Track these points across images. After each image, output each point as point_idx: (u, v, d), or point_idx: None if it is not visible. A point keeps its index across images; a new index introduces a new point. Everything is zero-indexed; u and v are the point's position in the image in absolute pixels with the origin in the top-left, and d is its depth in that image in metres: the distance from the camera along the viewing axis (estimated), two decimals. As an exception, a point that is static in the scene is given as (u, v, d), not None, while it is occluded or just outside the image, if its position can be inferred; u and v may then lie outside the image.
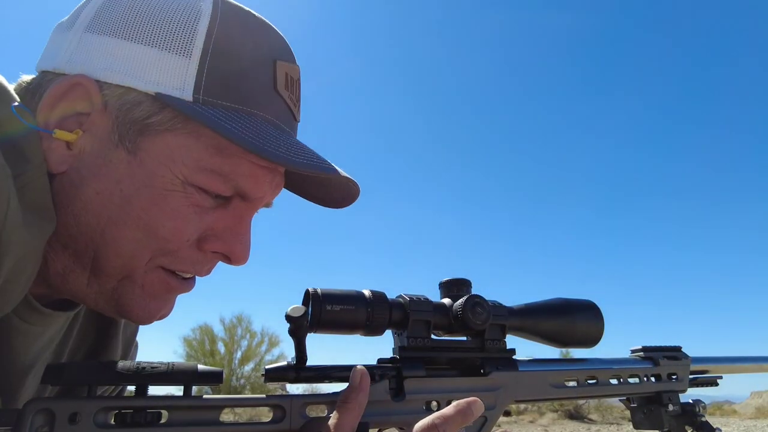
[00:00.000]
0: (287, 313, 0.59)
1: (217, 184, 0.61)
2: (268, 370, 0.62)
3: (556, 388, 0.78)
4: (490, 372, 0.73)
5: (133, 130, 0.58)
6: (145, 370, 0.55)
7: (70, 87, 0.58)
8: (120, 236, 0.59)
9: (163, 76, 0.58)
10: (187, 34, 0.59)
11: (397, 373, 0.67)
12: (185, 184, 0.59)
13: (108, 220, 0.59)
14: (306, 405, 0.60)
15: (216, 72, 0.59)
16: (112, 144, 0.59)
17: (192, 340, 17.75)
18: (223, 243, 0.64)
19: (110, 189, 0.58)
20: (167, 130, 0.58)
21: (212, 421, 0.56)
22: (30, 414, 0.49)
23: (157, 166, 0.58)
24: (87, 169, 0.59)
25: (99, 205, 0.59)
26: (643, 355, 0.93)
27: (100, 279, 0.61)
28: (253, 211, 0.67)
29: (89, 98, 0.58)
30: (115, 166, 0.59)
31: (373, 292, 0.67)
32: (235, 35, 0.62)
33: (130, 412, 0.53)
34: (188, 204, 0.60)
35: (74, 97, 0.58)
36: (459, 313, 0.70)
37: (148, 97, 0.58)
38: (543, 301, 0.80)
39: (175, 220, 0.60)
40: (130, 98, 0.58)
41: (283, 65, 0.65)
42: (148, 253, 0.61)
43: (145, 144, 0.58)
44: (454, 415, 0.59)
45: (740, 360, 1.06)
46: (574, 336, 0.79)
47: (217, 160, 0.59)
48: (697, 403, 0.91)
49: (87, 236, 0.60)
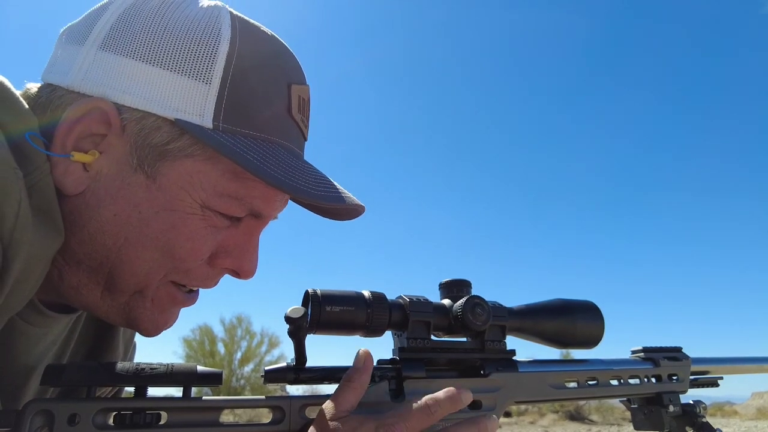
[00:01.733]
0: (287, 315, 0.59)
1: (233, 207, 0.62)
2: (267, 371, 0.62)
3: (557, 389, 0.78)
4: (491, 373, 0.73)
5: (152, 154, 0.59)
6: (144, 372, 0.55)
7: (89, 110, 0.58)
8: (136, 257, 0.60)
9: (183, 103, 0.58)
10: (208, 59, 0.59)
11: (397, 374, 0.67)
12: (204, 208, 0.61)
13: (125, 241, 0.60)
14: (305, 406, 0.60)
15: (234, 99, 0.60)
16: (130, 168, 0.59)
17: (192, 340, 17.75)
18: (234, 259, 0.66)
19: (128, 212, 0.59)
20: (186, 156, 0.60)
21: (212, 422, 0.56)
22: (29, 415, 0.49)
23: (176, 191, 0.60)
24: (104, 190, 0.60)
25: (116, 226, 0.60)
26: (644, 356, 0.93)
27: (113, 294, 0.63)
28: (263, 227, 0.69)
29: (107, 122, 0.59)
30: (134, 190, 0.59)
31: (372, 293, 0.66)
32: (254, 60, 0.62)
33: (130, 414, 0.53)
34: (206, 226, 0.62)
35: (92, 120, 0.58)
36: (459, 314, 0.70)
37: (167, 123, 0.59)
38: (543, 301, 0.80)
39: (193, 242, 0.61)
40: (149, 123, 0.59)
41: (297, 88, 0.67)
42: (162, 271, 0.62)
43: (164, 169, 0.59)
44: (444, 400, 0.60)
45: (741, 361, 1.06)
46: (575, 337, 0.79)
47: (233, 186, 0.61)
48: (698, 404, 0.91)
49: (102, 255, 0.60)
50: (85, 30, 0.62)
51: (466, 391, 0.62)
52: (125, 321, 0.66)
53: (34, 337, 0.66)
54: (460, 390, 0.61)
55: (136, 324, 0.66)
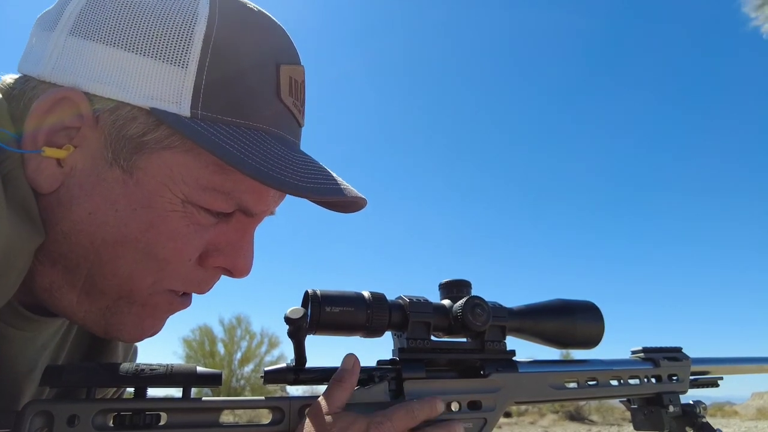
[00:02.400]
0: (286, 315, 0.59)
1: (218, 202, 0.57)
2: (267, 372, 0.62)
3: (557, 389, 0.78)
4: (490, 373, 0.73)
5: (127, 147, 0.54)
6: (143, 372, 0.55)
7: (57, 101, 0.54)
8: (116, 257, 0.56)
9: (158, 89, 0.53)
10: (183, 41, 0.54)
11: (396, 375, 0.67)
12: (185, 203, 0.56)
13: (102, 242, 0.55)
14: (305, 407, 0.60)
15: (215, 83, 0.55)
16: (105, 162, 0.55)
17: (192, 341, 17.75)
18: (226, 258, 0.61)
19: (104, 210, 0.55)
20: (164, 148, 0.54)
21: (211, 423, 0.56)
22: (29, 416, 0.49)
23: (155, 186, 0.55)
24: (78, 187, 0.55)
25: (92, 225, 0.55)
26: (644, 356, 0.93)
27: (92, 297, 0.58)
28: (256, 224, 0.65)
29: (78, 112, 0.54)
30: (110, 186, 0.55)
31: (372, 293, 0.66)
32: (235, 39, 0.56)
33: (129, 415, 0.53)
34: (188, 224, 0.57)
35: (61, 111, 0.54)
36: (459, 314, 0.70)
37: (143, 113, 0.54)
38: (543, 302, 0.80)
39: (175, 241, 0.56)
40: (123, 113, 0.54)
41: (287, 69, 0.61)
42: (149, 275, 0.57)
43: (141, 163, 0.54)
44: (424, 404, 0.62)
45: (741, 361, 1.06)
46: (575, 337, 0.79)
47: (218, 178, 0.56)
48: (698, 404, 0.91)
49: (79, 255, 0.56)
50: (56, 15, 0.57)
51: (441, 401, 0.65)
52: (103, 327, 0.60)
53: (20, 341, 0.62)
54: (437, 398, 0.64)
55: (117, 329, 0.60)
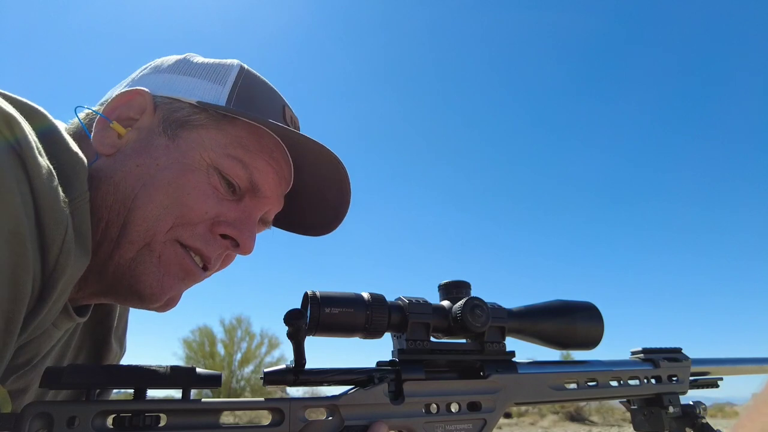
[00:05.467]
0: (286, 316, 0.59)
1: (237, 170, 0.74)
2: (267, 373, 0.62)
3: (557, 390, 0.78)
4: (490, 374, 0.73)
5: (175, 124, 0.74)
6: (143, 374, 0.55)
7: (133, 94, 0.75)
8: (149, 199, 0.70)
9: (203, 94, 0.76)
10: (223, 73, 0.79)
11: (396, 376, 0.67)
12: (209, 168, 0.73)
13: (143, 185, 0.70)
14: (305, 408, 0.60)
15: (242, 96, 0.78)
16: (156, 134, 0.74)
17: (192, 341, 17.74)
18: (233, 229, 0.75)
19: (149, 162, 0.72)
20: (202, 126, 0.74)
21: (211, 425, 0.56)
22: (29, 417, 0.49)
23: (189, 149, 0.73)
24: (132, 150, 0.73)
25: (138, 173, 0.71)
26: (644, 357, 0.93)
27: (122, 249, 0.69)
28: (260, 210, 0.79)
29: (144, 104, 0.75)
30: (156, 148, 0.73)
31: (372, 294, 0.66)
32: (257, 82, 0.82)
33: (129, 416, 0.53)
34: (208, 183, 0.73)
35: (133, 102, 0.75)
36: (458, 315, 0.70)
37: (190, 105, 0.75)
38: (542, 303, 0.80)
39: (197, 191, 0.72)
40: (175, 105, 0.75)
41: (289, 110, 0.84)
42: (170, 219, 0.71)
43: (183, 134, 0.74)
44: None
45: (741, 361, 1.06)
46: (574, 338, 0.79)
47: (240, 151, 0.75)
48: (698, 405, 0.91)
49: (120, 202, 0.70)
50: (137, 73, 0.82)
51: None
52: (129, 282, 0.70)
53: (55, 339, 0.68)
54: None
55: (141, 284, 0.70)
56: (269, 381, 0.61)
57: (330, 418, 0.61)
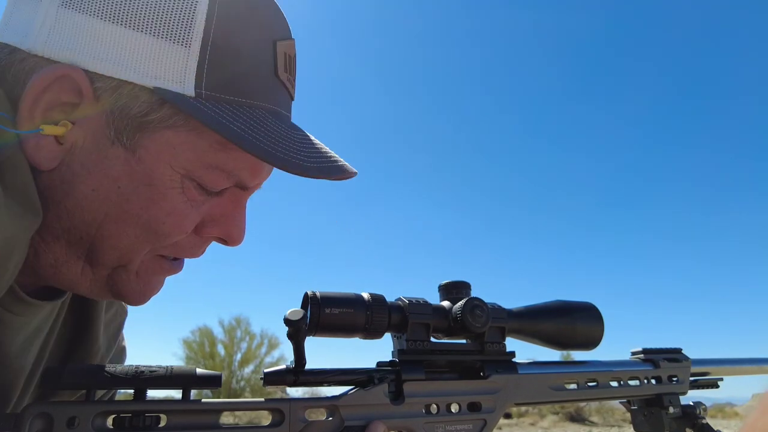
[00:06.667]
0: (286, 317, 0.59)
1: (219, 179, 0.60)
2: (266, 373, 0.62)
3: (557, 390, 0.78)
4: (490, 375, 0.73)
5: (130, 126, 0.55)
6: (143, 374, 0.55)
7: (56, 79, 0.53)
8: (118, 232, 0.58)
9: (161, 69, 0.54)
10: (185, 19, 0.54)
11: (396, 377, 0.67)
12: (184, 179, 0.58)
13: (105, 217, 0.57)
14: (305, 408, 0.60)
15: (217, 63, 0.56)
16: (107, 140, 0.56)
17: (192, 342, 17.75)
18: (221, 227, 0.65)
19: (107, 186, 0.56)
20: (167, 128, 0.56)
21: (211, 425, 0.56)
22: (28, 418, 0.49)
23: (156, 165, 0.56)
24: (80, 164, 0.56)
25: (95, 202, 0.56)
26: (644, 357, 0.92)
27: (94, 268, 0.60)
28: (249, 195, 0.68)
29: (78, 90, 0.54)
30: (112, 164, 0.56)
31: (372, 295, 0.66)
32: (236, 19, 0.57)
33: (129, 416, 0.53)
34: (186, 200, 0.59)
35: (60, 88, 0.54)
36: (458, 315, 0.70)
37: (145, 91, 0.54)
38: (542, 303, 0.80)
39: (173, 216, 0.59)
40: (125, 92, 0.54)
41: (282, 45, 0.62)
42: (146, 245, 0.60)
43: (144, 141, 0.56)
44: None
45: (741, 362, 1.06)
46: (574, 338, 0.79)
47: (221, 156, 0.58)
48: (698, 406, 0.91)
49: (82, 230, 0.58)
50: None
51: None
52: (110, 293, 0.63)
53: (17, 327, 0.62)
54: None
55: (121, 295, 0.64)
56: (269, 381, 0.61)
57: (330, 418, 0.61)
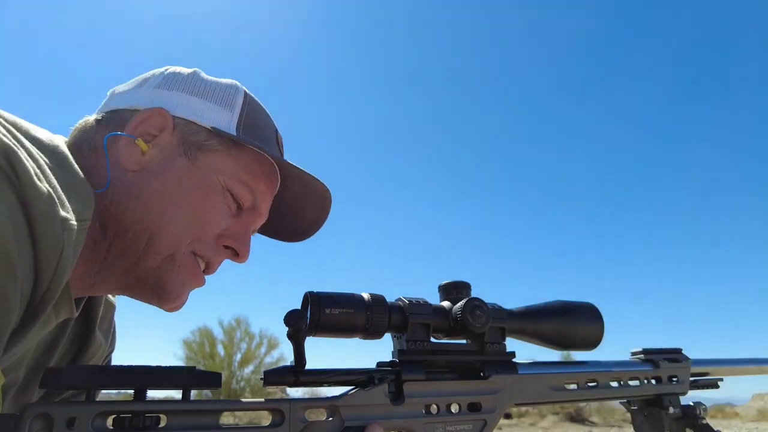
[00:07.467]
0: (286, 317, 0.59)
1: (245, 193, 0.84)
2: (266, 373, 0.62)
3: (557, 390, 0.78)
4: (490, 375, 0.73)
5: (194, 147, 0.82)
6: (143, 374, 0.55)
7: (154, 113, 0.81)
8: (176, 218, 0.78)
9: (216, 118, 0.83)
10: (232, 98, 0.87)
11: (396, 377, 0.67)
12: (224, 189, 0.82)
13: (170, 202, 0.78)
14: (305, 409, 0.60)
15: (248, 124, 0.86)
16: (177, 154, 0.81)
17: (191, 342, 17.74)
18: (235, 241, 0.85)
19: (174, 182, 0.79)
20: (216, 151, 0.83)
21: (211, 425, 0.56)
22: (28, 418, 0.49)
23: (207, 171, 0.81)
24: (156, 168, 0.80)
25: (163, 192, 0.78)
26: (644, 357, 0.93)
27: (148, 258, 0.77)
28: (256, 225, 0.90)
29: (164, 123, 0.81)
30: (178, 168, 0.80)
31: (372, 295, 0.67)
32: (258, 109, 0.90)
33: (129, 417, 0.53)
34: (223, 203, 0.82)
35: (154, 121, 0.80)
36: (458, 316, 0.70)
37: (205, 129, 0.82)
38: (543, 303, 0.80)
39: (215, 211, 0.81)
40: (192, 128, 0.82)
41: (279, 135, 0.94)
42: (191, 235, 0.79)
43: (201, 156, 0.82)
44: None
45: (741, 362, 1.06)
46: (574, 338, 0.79)
47: (247, 176, 0.84)
48: (698, 406, 0.91)
49: (148, 217, 0.77)
50: (139, 83, 0.85)
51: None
52: (152, 287, 0.78)
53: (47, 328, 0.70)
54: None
55: (163, 288, 0.78)
56: (269, 382, 0.61)
57: (330, 418, 0.62)
